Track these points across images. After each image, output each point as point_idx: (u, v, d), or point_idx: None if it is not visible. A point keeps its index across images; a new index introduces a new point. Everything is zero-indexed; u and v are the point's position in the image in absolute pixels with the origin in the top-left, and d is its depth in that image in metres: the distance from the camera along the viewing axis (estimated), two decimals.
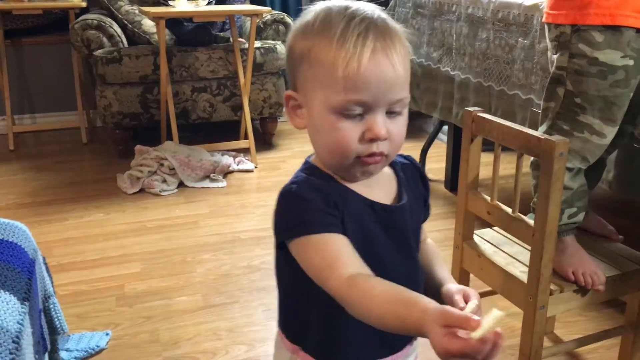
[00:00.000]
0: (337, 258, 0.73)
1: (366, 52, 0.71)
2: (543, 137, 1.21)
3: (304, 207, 0.75)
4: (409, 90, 0.77)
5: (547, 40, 1.45)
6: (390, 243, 0.82)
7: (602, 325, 1.71)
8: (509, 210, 1.37)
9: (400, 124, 0.77)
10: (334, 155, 0.77)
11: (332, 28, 0.73)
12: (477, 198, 1.46)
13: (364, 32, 0.72)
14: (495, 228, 1.59)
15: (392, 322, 0.66)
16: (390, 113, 0.75)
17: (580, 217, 1.44)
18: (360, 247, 0.75)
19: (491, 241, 1.55)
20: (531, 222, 1.29)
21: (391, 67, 0.72)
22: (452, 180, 2.76)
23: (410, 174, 0.89)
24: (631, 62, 1.31)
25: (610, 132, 1.37)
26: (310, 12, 0.77)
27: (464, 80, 2.31)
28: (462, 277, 1.57)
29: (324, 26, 0.74)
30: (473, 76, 2.25)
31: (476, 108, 1.44)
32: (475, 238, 1.56)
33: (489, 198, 1.43)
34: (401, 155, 0.90)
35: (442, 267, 0.91)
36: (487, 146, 1.44)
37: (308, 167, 0.83)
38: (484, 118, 1.38)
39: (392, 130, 0.75)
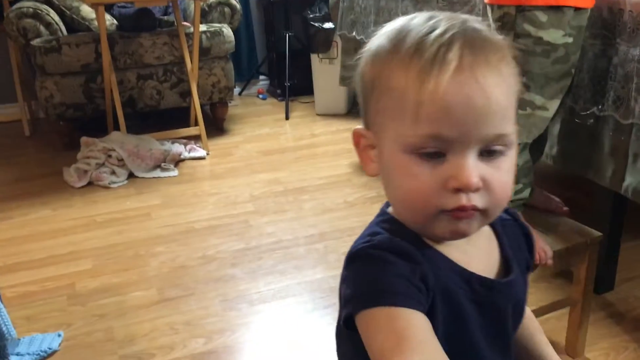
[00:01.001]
0: (406, 339, 0.54)
1: (446, 69, 0.54)
2: None
3: (383, 272, 0.58)
4: (514, 123, 0.59)
5: (490, 20, 1.46)
6: (486, 330, 0.64)
7: (553, 296, 1.76)
8: None
9: (502, 169, 0.58)
10: (409, 209, 0.60)
11: (407, 43, 0.57)
12: None
13: (446, 45, 0.55)
14: None
15: None
16: (488, 153, 0.57)
17: (526, 193, 1.47)
18: (448, 332, 0.60)
19: None
20: None
21: (481, 90, 0.54)
22: None
23: (512, 233, 0.71)
24: (570, 40, 1.35)
25: (552, 105, 1.42)
26: (385, 29, 0.62)
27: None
28: None
29: (398, 42, 0.58)
30: None
31: None
32: None
33: None
34: None
35: (547, 344, 0.76)
36: None
37: (387, 220, 0.64)
38: None
39: (489, 176, 0.57)
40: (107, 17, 3.18)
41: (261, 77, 4.27)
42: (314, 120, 3.60)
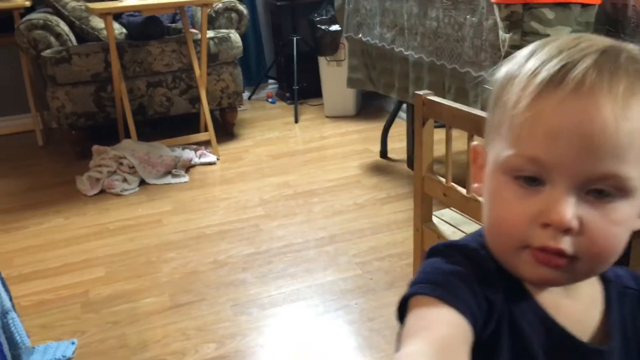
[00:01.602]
0: (429, 329, 0.49)
1: (562, 88, 0.49)
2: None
3: (448, 269, 0.54)
4: (637, 165, 0.49)
5: (498, 19, 1.47)
6: None
7: None
8: (463, 191, 1.38)
9: (611, 218, 0.50)
10: (495, 235, 0.55)
11: (538, 59, 0.52)
12: (433, 181, 1.47)
13: (574, 62, 0.49)
14: (453, 207, 1.60)
15: None
16: (597, 193, 0.49)
17: None
18: None
19: (450, 222, 1.56)
20: None
21: (596, 119, 0.47)
22: (413, 160, 2.77)
23: (632, 308, 0.60)
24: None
25: None
26: (528, 47, 0.56)
27: (417, 60, 2.31)
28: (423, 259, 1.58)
29: (528, 60, 0.53)
30: (426, 55, 2.25)
31: (426, 91, 1.44)
32: (435, 219, 1.57)
33: (444, 180, 1.44)
34: (631, 275, 0.61)
35: None
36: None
37: (481, 241, 0.58)
38: (434, 101, 1.39)
39: (590, 221, 0.49)
40: (116, 26, 3.21)
41: (270, 81, 4.29)
42: (323, 122, 3.61)
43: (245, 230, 2.33)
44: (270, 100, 4.13)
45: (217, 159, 3.12)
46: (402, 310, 0.53)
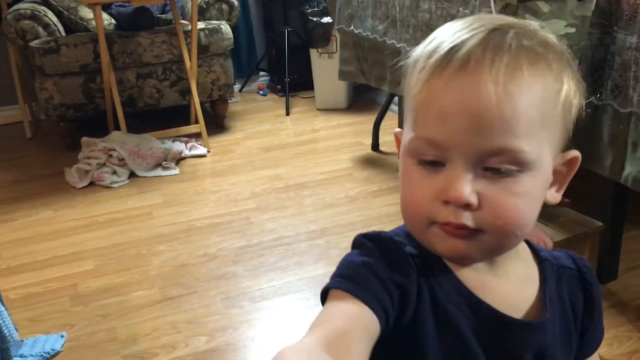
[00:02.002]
0: (328, 322, 0.51)
1: (449, 69, 0.50)
2: None
3: (357, 260, 0.56)
4: (533, 141, 0.51)
5: (493, 11, 1.46)
6: None
7: None
8: None
9: (510, 191, 0.51)
10: (407, 216, 0.56)
11: (435, 42, 0.54)
12: None
13: (463, 42, 0.50)
14: None
15: None
16: (495, 171, 0.51)
17: None
18: (447, 353, 0.56)
19: None
20: None
21: (481, 96, 0.48)
22: None
23: (569, 286, 0.62)
24: (573, 30, 1.34)
25: None
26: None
27: (410, 52, 2.30)
28: None
29: (431, 41, 0.55)
30: None
31: None
32: None
33: None
34: (568, 255, 0.64)
35: None
36: None
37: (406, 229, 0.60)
38: None
39: (490, 195, 0.51)
40: (105, 16, 3.17)
41: (261, 73, 4.26)
42: (314, 115, 3.60)
43: (236, 223, 2.32)
44: (261, 92, 4.10)
45: (208, 152, 3.09)
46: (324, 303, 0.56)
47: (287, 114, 3.62)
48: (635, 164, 1.41)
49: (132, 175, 2.83)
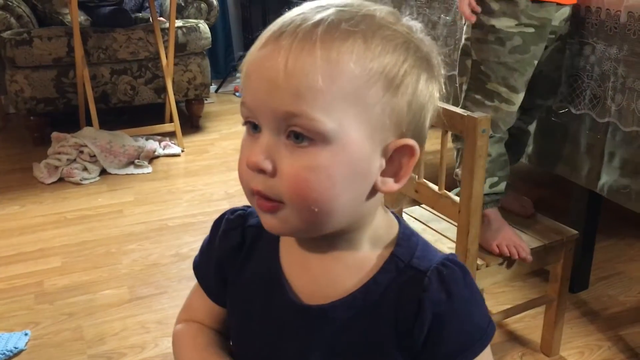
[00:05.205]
0: (186, 311, 0.74)
1: (263, 38, 0.53)
2: (466, 114, 1.21)
3: (204, 245, 0.71)
4: (330, 113, 0.50)
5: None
6: (280, 350, 0.62)
7: (528, 295, 1.76)
8: (435, 187, 1.37)
9: (305, 161, 0.51)
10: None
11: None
12: None
13: (283, 19, 0.53)
14: (424, 205, 1.59)
15: None
16: (296, 138, 0.51)
17: (502, 187, 1.47)
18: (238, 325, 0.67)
19: (420, 219, 1.55)
20: (457, 198, 1.29)
21: (278, 63, 0.50)
22: None
23: (399, 291, 0.57)
24: (530, 30, 1.36)
25: (517, 99, 1.42)
26: None
27: None
28: None
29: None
30: None
31: None
32: (404, 216, 1.56)
33: (416, 176, 1.42)
34: (440, 260, 0.59)
35: None
36: None
37: None
38: None
39: (282, 162, 0.52)
40: (82, 14, 3.11)
41: (238, 74, 4.23)
42: None
43: (209, 224, 2.24)
44: (237, 94, 4.07)
45: (182, 151, 3.05)
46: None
47: None
48: (612, 174, 1.43)
49: (103, 172, 2.76)
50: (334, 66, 0.50)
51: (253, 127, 0.54)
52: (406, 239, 0.60)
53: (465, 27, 1.47)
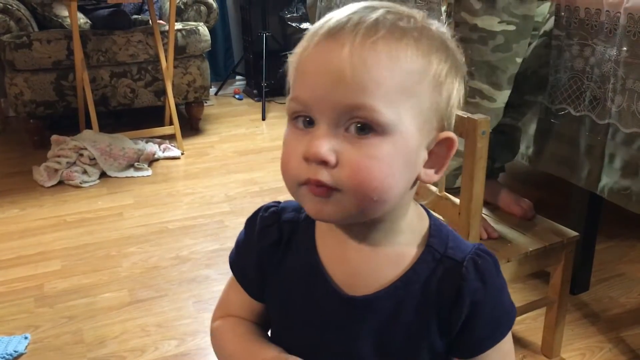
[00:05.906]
0: (222, 308, 0.75)
1: (318, 34, 0.54)
2: (466, 116, 1.21)
3: (240, 241, 0.72)
4: (390, 105, 0.53)
5: (443, 10, 1.49)
6: (325, 345, 0.64)
7: (528, 297, 1.76)
8: (435, 189, 1.37)
9: (368, 152, 0.52)
10: (283, 178, 0.58)
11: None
12: None
13: (336, 15, 0.55)
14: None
15: None
16: (358, 130, 0.53)
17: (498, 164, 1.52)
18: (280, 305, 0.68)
19: None
20: (457, 200, 1.29)
21: (341, 57, 0.52)
22: None
23: (446, 277, 0.60)
24: (511, 28, 1.36)
25: (500, 96, 1.43)
26: None
27: None
28: None
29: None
30: None
31: None
32: None
33: None
34: (473, 249, 0.62)
35: None
36: None
37: None
38: None
39: (346, 154, 0.53)
40: (82, 17, 3.11)
41: (237, 77, 4.23)
42: None
43: (210, 226, 2.28)
44: (237, 96, 4.07)
45: (182, 154, 3.05)
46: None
47: (263, 118, 3.59)
48: (612, 175, 1.42)
49: (103, 175, 2.76)
50: (394, 62, 0.53)
51: (307, 121, 0.55)
52: (438, 229, 0.63)
53: (446, 26, 1.47)
